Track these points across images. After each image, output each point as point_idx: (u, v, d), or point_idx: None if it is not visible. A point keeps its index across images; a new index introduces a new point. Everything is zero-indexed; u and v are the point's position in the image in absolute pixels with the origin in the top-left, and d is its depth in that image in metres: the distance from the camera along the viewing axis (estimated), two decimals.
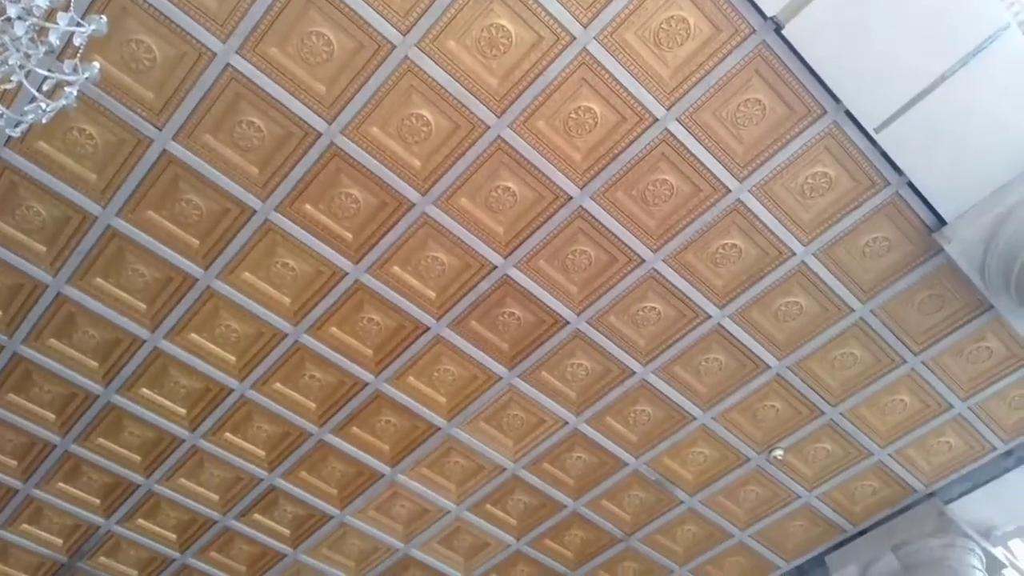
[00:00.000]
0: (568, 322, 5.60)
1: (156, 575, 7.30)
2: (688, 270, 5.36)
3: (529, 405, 6.11)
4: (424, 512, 6.89)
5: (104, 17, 2.86)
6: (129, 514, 6.80)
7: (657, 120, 4.65)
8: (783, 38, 4.34)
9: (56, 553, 7.09)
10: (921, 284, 5.46)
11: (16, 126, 2.99)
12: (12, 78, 2.88)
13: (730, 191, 4.97)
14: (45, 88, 2.94)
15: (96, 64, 3.01)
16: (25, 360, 5.71)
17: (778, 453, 6.42)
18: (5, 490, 6.58)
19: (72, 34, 2.92)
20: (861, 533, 7.06)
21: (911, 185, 4.97)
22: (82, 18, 2.91)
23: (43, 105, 2.95)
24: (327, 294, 5.40)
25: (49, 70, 2.93)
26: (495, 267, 5.29)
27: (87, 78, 3.00)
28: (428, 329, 5.60)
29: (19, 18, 2.86)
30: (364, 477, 6.59)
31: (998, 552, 6.90)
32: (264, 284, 5.38)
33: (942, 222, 5.10)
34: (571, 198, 4.98)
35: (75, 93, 3.02)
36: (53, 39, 2.89)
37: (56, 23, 2.85)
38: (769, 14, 4.24)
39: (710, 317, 5.59)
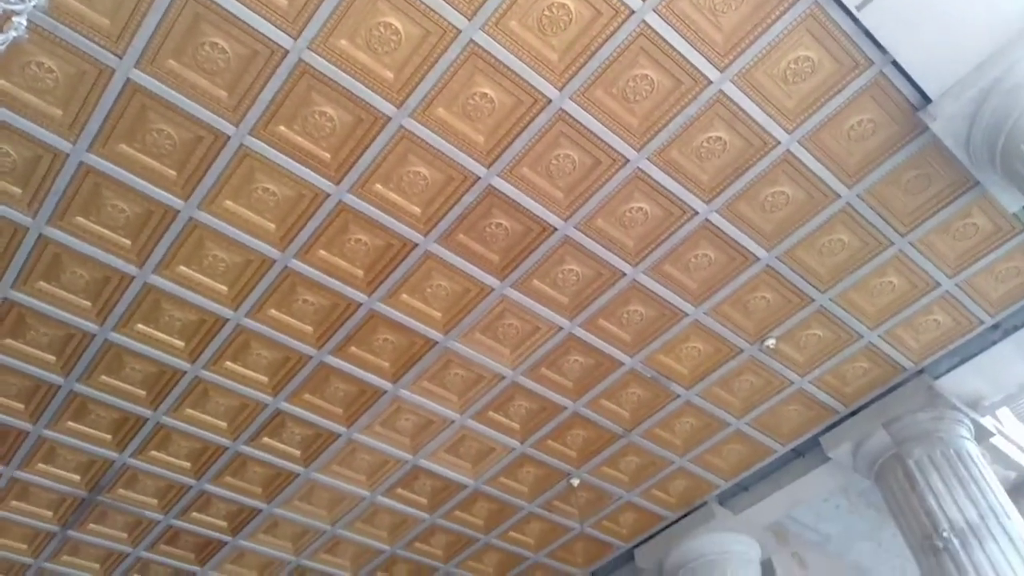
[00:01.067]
0: (556, 228, 5.59)
1: (175, 502, 7.54)
2: (673, 167, 5.32)
3: (523, 313, 6.18)
4: (429, 423, 7.07)
5: None
6: (141, 447, 6.96)
7: (633, 12, 4.50)
8: None
9: (75, 488, 7.29)
10: (907, 165, 5.44)
11: None
12: None
13: (711, 82, 4.87)
14: None
15: None
16: (17, 305, 5.71)
17: (770, 342, 6.54)
18: (16, 433, 6.71)
19: None
20: (853, 413, 7.28)
21: (895, 64, 4.87)
22: None
23: None
24: (311, 217, 5.36)
25: None
26: (478, 178, 5.24)
27: (35, 6, 2.88)
28: (416, 245, 5.59)
29: None
30: (367, 395, 6.72)
31: (986, 421, 7.16)
32: (247, 211, 5.33)
33: (927, 100, 5.03)
34: (550, 101, 4.88)
35: (24, 23, 2.90)
36: None
37: None
38: None
39: (697, 213, 5.58)
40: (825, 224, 5.75)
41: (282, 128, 4.89)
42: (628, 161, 5.23)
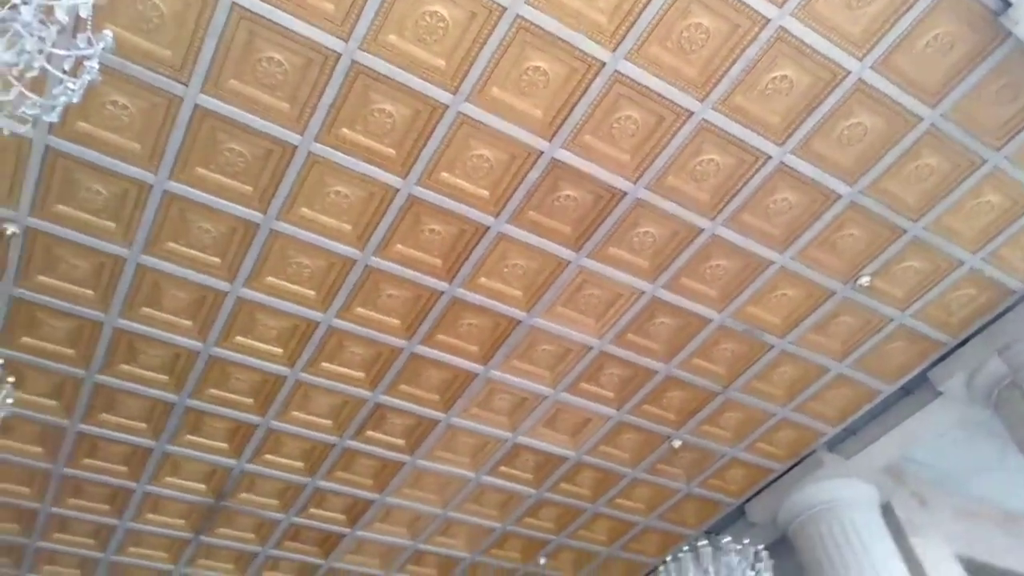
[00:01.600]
0: (626, 192, 5.51)
1: (293, 500, 7.92)
2: (740, 112, 5.15)
3: (603, 282, 6.14)
4: (523, 401, 7.15)
5: None
6: (256, 452, 7.32)
7: None
8: None
9: (202, 497, 7.75)
10: (992, 76, 5.09)
11: (52, 110, 3.07)
12: (34, 64, 2.93)
13: (769, 20, 4.67)
14: (66, 68, 2.99)
15: (108, 32, 3.03)
16: (127, 332, 6.08)
17: (864, 280, 6.29)
18: (143, 451, 7.18)
19: (77, 7, 2.93)
20: (962, 344, 6.93)
21: None
22: None
23: (70, 85, 3.01)
24: (384, 214, 5.47)
25: (66, 48, 2.97)
26: (541, 152, 5.21)
27: (103, 48, 3.03)
28: (488, 228, 5.63)
29: (24, 2, 2.88)
30: (460, 379, 6.85)
31: None
32: (322, 216, 5.48)
33: (1007, 4, 4.68)
34: (604, 64, 4.79)
35: (96, 66, 3.06)
36: (60, 16, 2.91)
37: None
38: None
39: (771, 157, 5.39)
40: (910, 150, 5.45)
41: (345, 131, 5.00)
42: (692, 114, 5.09)
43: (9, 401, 4.49)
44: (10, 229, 5.25)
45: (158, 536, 8.23)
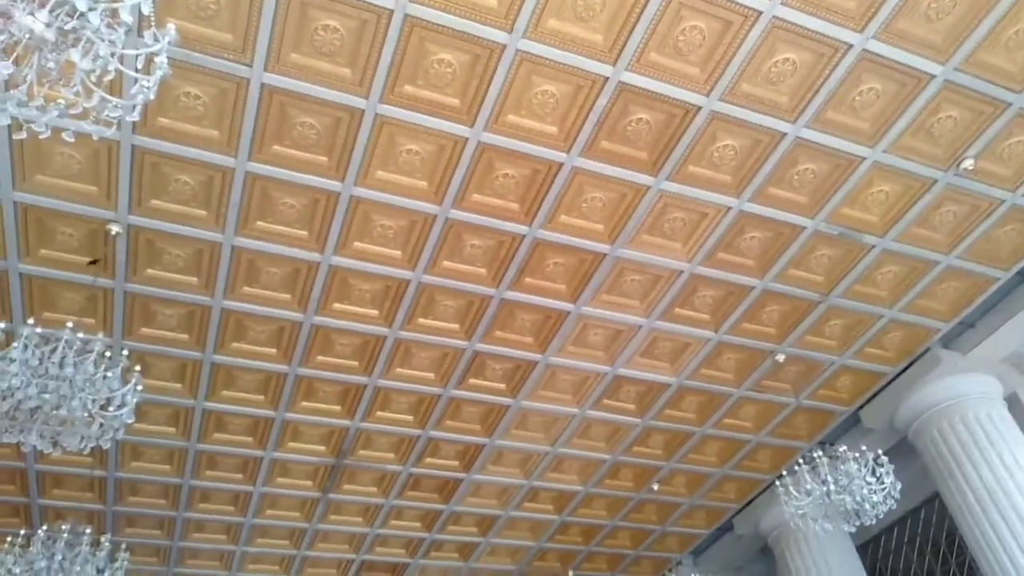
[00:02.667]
0: (699, 107, 5.30)
1: (409, 452, 8.26)
2: (812, 5, 4.82)
3: (686, 203, 5.99)
4: (618, 333, 7.14)
5: None
6: (367, 411, 7.65)
7: None
8: None
9: (324, 458, 8.19)
10: None
11: (132, 109, 3.19)
12: (109, 68, 3.04)
13: None
14: (138, 67, 3.09)
15: (171, 25, 3.10)
16: (233, 312, 6.40)
17: (967, 164, 5.88)
18: (265, 421, 7.61)
19: (139, 4, 3.01)
20: None
21: None
22: None
23: (144, 82, 3.12)
24: (457, 165, 5.47)
25: (135, 47, 3.07)
26: (607, 78, 5.06)
27: (169, 42, 3.11)
28: (562, 165, 5.55)
29: (90, 9, 2.98)
30: (552, 319, 6.89)
31: None
32: (398, 176, 5.54)
33: None
34: None
35: (165, 60, 3.15)
36: (125, 16, 2.99)
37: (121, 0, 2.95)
38: None
39: (851, 45, 5.05)
40: (1007, 14, 4.99)
41: (407, 87, 4.99)
42: (761, 13, 4.81)
43: (139, 388, 4.82)
44: (114, 230, 5.56)
45: (290, 497, 8.79)
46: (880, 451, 6.56)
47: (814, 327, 7.27)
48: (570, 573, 10.72)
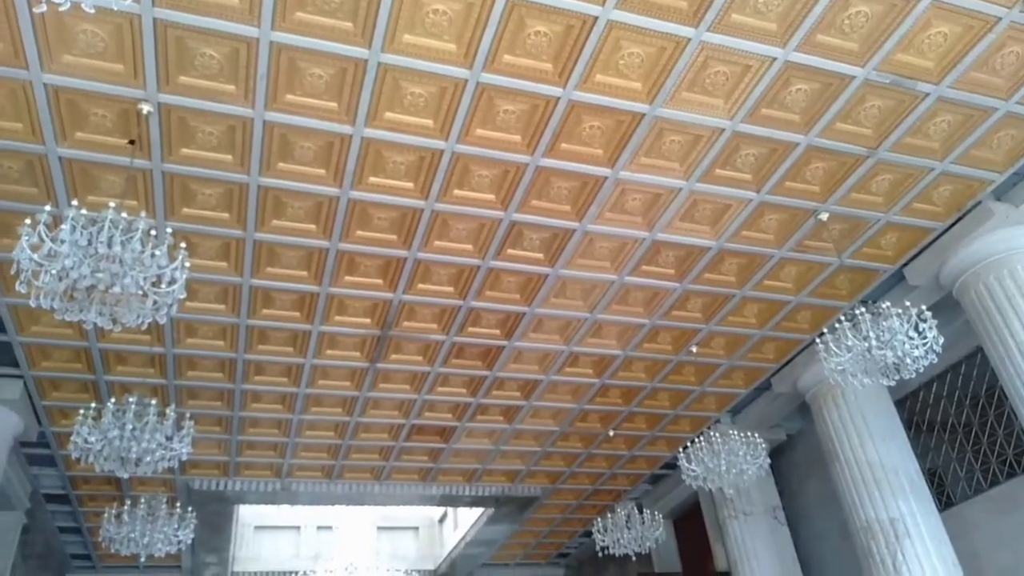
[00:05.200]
0: None
1: (450, 322, 8.45)
2: None
3: (728, 55, 5.69)
4: (657, 197, 7.02)
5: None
6: (409, 283, 7.77)
7: None
8: None
9: (369, 329, 8.43)
10: None
11: None
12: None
13: None
14: None
15: None
16: (271, 190, 6.42)
17: None
18: (311, 296, 7.81)
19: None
20: None
21: None
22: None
23: None
24: (487, 24, 5.18)
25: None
26: None
27: None
28: (596, 18, 5.27)
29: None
30: (589, 185, 6.78)
31: None
32: (425, 39, 5.31)
33: None
34: None
35: None
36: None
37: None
38: None
39: None
40: None
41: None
42: None
43: (187, 265, 4.93)
44: (145, 109, 5.52)
45: (339, 369, 9.15)
46: (924, 306, 6.49)
47: (860, 183, 7.06)
48: (610, 432, 11.16)
